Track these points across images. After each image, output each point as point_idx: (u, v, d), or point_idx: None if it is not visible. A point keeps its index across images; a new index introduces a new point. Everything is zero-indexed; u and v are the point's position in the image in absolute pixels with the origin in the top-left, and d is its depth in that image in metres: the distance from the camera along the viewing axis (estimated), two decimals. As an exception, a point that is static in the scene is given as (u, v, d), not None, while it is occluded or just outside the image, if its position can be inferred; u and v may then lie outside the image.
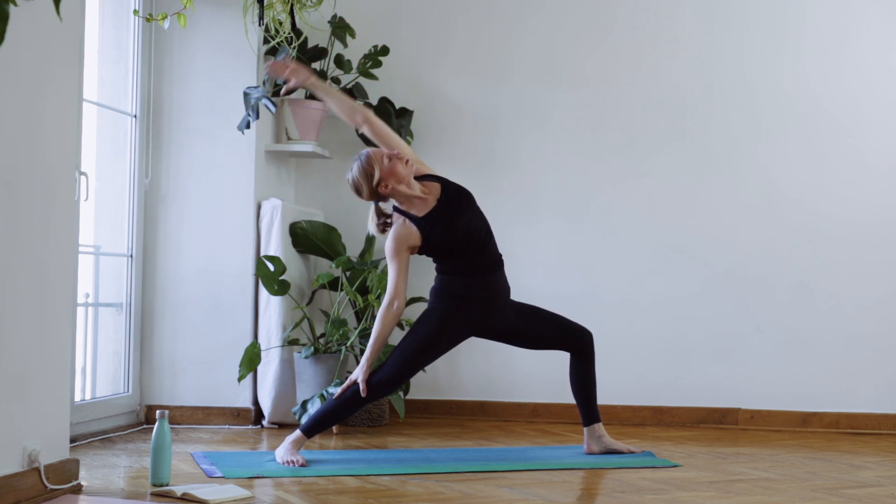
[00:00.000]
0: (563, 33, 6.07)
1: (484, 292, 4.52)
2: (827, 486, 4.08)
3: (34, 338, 3.56)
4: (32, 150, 3.55)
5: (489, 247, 4.54)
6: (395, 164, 4.38)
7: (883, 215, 5.85)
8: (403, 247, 4.41)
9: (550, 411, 5.92)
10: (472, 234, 4.47)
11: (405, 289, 4.43)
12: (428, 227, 4.41)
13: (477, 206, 4.55)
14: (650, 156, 5.99)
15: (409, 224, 4.42)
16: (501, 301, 4.58)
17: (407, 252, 4.43)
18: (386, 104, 5.95)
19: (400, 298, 4.40)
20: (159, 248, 5.52)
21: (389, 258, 4.42)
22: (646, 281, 5.96)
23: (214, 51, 5.55)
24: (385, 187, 4.40)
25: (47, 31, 3.57)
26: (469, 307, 4.50)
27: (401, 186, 4.40)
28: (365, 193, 4.43)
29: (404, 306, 4.46)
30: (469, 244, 4.47)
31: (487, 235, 4.54)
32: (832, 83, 5.91)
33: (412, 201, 4.45)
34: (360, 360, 4.48)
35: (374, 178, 4.37)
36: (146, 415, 5.45)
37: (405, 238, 4.41)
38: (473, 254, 4.49)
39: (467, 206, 4.50)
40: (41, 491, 3.56)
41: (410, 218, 4.43)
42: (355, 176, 4.41)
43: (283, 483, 4.03)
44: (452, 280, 4.50)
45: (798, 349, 5.85)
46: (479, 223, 4.52)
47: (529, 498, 3.79)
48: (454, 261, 4.49)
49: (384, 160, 4.39)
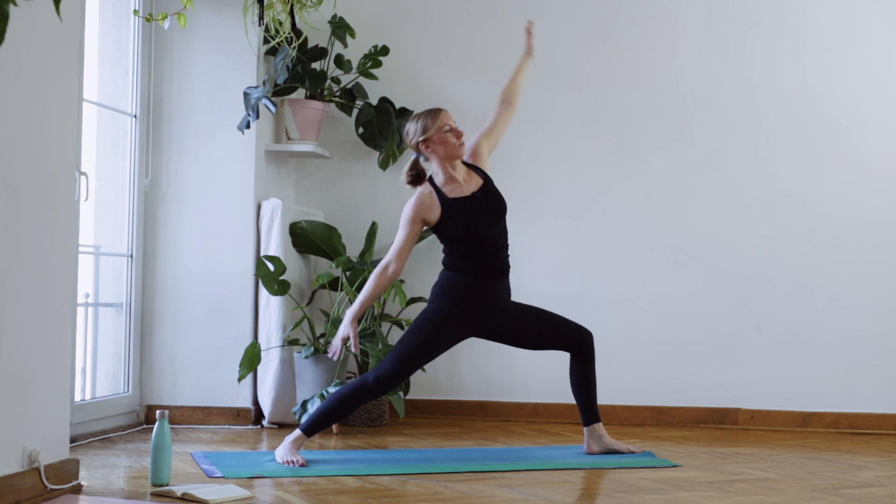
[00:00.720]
0: (563, 33, 6.07)
1: (484, 295, 4.51)
2: (827, 486, 4.08)
3: (34, 338, 3.56)
4: (32, 150, 3.55)
5: (500, 255, 4.54)
6: (447, 137, 4.42)
7: (883, 215, 5.85)
8: (419, 217, 4.43)
9: (550, 411, 5.92)
10: (487, 238, 4.48)
11: (405, 258, 4.44)
12: (451, 211, 4.42)
13: (504, 219, 4.55)
14: (650, 156, 5.99)
15: (435, 198, 4.44)
16: (501, 305, 4.58)
17: (420, 224, 4.45)
18: (386, 104, 5.95)
19: (397, 264, 4.41)
20: (159, 248, 5.52)
21: (403, 223, 4.44)
22: (646, 281, 5.96)
23: (214, 51, 5.55)
24: (427, 147, 4.44)
25: (47, 31, 3.57)
26: (469, 308, 4.50)
27: (441, 159, 4.43)
28: (411, 138, 4.47)
29: (399, 274, 4.44)
30: (482, 245, 4.47)
31: (502, 245, 4.55)
32: (833, 83, 5.91)
33: (450, 180, 4.47)
34: (344, 318, 4.46)
35: (428, 132, 4.41)
36: (146, 415, 5.45)
37: (425, 209, 4.44)
38: (483, 255, 4.49)
39: (496, 213, 4.51)
40: (41, 491, 3.56)
41: (440, 195, 4.45)
42: (418, 119, 4.46)
43: (283, 483, 4.03)
44: (455, 279, 4.50)
45: (798, 349, 5.85)
46: (498, 232, 4.52)
47: (529, 498, 3.79)
48: (462, 257, 4.48)
49: (445, 128, 4.42)
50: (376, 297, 4.49)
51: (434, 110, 4.48)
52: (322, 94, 5.82)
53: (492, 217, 4.49)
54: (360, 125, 5.95)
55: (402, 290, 5.51)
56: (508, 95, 4.76)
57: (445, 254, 4.56)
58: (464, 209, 4.44)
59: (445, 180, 4.48)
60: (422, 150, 4.47)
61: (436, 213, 4.43)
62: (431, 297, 4.55)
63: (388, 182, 6.09)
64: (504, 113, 4.74)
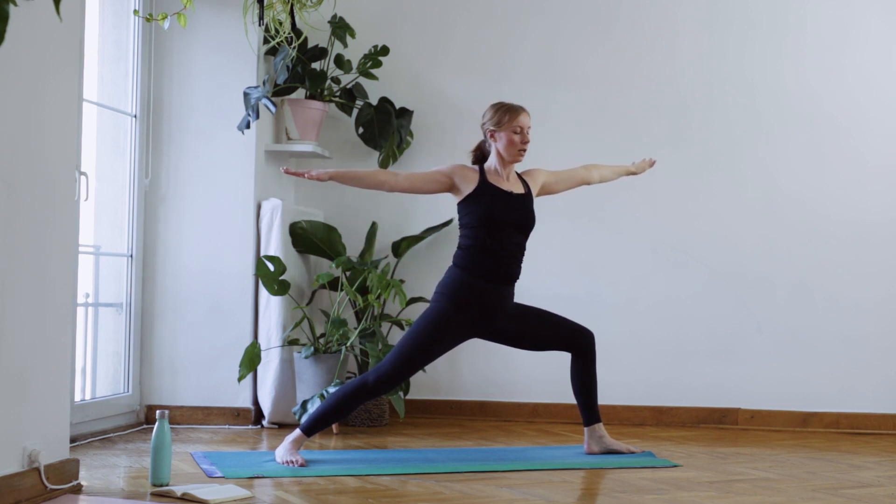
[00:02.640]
0: (563, 33, 6.07)
1: (487, 298, 4.51)
2: (827, 486, 4.08)
3: (34, 338, 3.56)
4: (32, 150, 3.55)
5: (511, 261, 4.55)
6: (514, 137, 4.52)
7: (882, 215, 5.85)
8: (452, 174, 4.53)
9: (550, 411, 5.92)
10: (504, 235, 4.50)
11: (412, 184, 4.51)
12: (483, 190, 4.49)
13: (527, 234, 4.60)
14: (650, 156, 5.97)
15: (476, 175, 4.54)
16: (503, 308, 4.58)
17: (447, 179, 4.52)
18: (386, 104, 5.95)
19: (401, 180, 4.50)
20: (159, 248, 5.52)
21: (435, 167, 4.58)
22: (646, 281, 5.96)
23: (214, 51, 5.55)
24: (493, 136, 4.55)
25: (47, 31, 3.57)
26: (470, 310, 4.50)
27: (500, 152, 4.53)
28: (484, 122, 4.59)
29: (394, 187, 4.51)
30: (497, 240, 4.48)
31: (516, 253, 4.56)
32: (833, 83, 5.91)
33: (496, 173, 4.56)
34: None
35: (500, 124, 4.53)
36: (146, 415, 5.45)
37: (462, 175, 4.53)
38: (495, 253, 4.49)
39: (522, 222, 4.55)
40: (41, 491, 3.56)
41: (482, 174, 4.54)
42: (498, 109, 4.56)
43: (283, 483, 4.03)
44: (460, 278, 4.49)
45: (798, 349, 5.85)
46: (517, 241, 4.56)
47: (529, 498, 3.79)
48: (474, 251, 4.49)
49: (516, 128, 4.52)
50: (361, 180, 4.56)
51: (516, 107, 4.57)
52: (322, 94, 5.82)
53: (517, 221, 4.54)
54: (360, 125, 5.95)
55: (402, 290, 5.51)
56: (596, 171, 4.92)
57: (459, 247, 4.56)
58: (495, 196, 4.50)
59: (493, 170, 4.58)
60: (488, 136, 4.58)
61: (469, 185, 4.51)
62: (435, 296, 4.54)
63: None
64: (580, 173, 4.88)
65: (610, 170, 4.98)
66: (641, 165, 5.05)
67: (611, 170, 4.99)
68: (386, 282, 5.47)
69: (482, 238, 4.48)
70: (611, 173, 4.98)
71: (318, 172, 4.49)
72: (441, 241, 6.06)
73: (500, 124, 4.53)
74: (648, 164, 5.06)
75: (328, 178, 4.49)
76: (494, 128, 4.55)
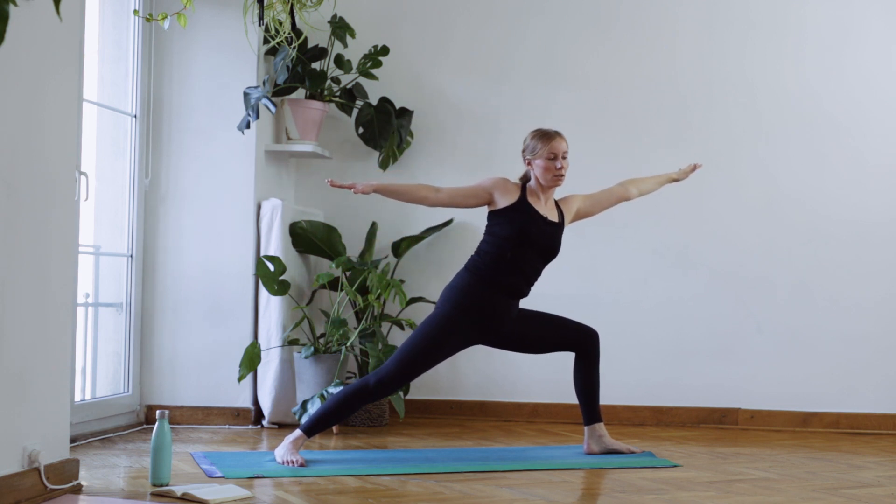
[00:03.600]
0: (563, 33, 6.07)
1: (492, 307, 4.52)
2: (827, 486, 4.08)
3: (34, 338, 3.56)
4: (32, 150, 3.55)
5: (523, 281, 4.56)
6: (549, 164, 4.53)
7: (882, 215, 5.85)
8: (494, 187, 4.53)
9: (550, 411, 5.92)
10: (527, 255, 4.51)
11: (452, 199, 4.52)
12: (520, 206, 4.51)
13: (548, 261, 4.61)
14: (650, 155, 5.99)
15: (518, 189, 4.55)
16: (508, 318, 4.59)
17: (486, 194, 4.53)
18: (386, 104, 5.95)
19: (442, 196, 4.50)
20: (159, 248, 5.52)
21: (477, 181, 4.57)
22: (646, 281, 5.96)
23: (214, 51, 5.55)
24: (529, 164, 4.58)
25: (47, 31, 3.57)
26: (476, 318, 4.51)
27: (537, 178, 4.55)
28: (522, 150, 4.61)
29: (435, 202, 4.51)
30: (518, 256, 4.49)
31: (531, 274, 4.58)
32: (833, 83, 5.92)
33: (535, 195, 4.58)
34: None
35: (535, 152, 4.55)
36: (146, 415, 5.45)
37: (504, 188, 4.55)
38: (511, 268, 4.50)
39: (547, 247, 4.56)
40: (41, 491, 3.56)
41: (523, 193, 4.55)
42: (534, 137, 4.58)
43: (283, 483, 4.03)
44: (469, 284, 4.50)
45: (798, 349, 5.85)
46: (537, 264, 4.57)
47: (529, 498, 3.79)
48: (493, 258, 4.50)
49: (550, 155, 4.53)
50: (404, 195, 4.54)
51: (551, 133, 4.59)
52: (322, 94, 5.82)
53: (542, 247, 4.55)
54: (360, 125, 5.95)
55: (402, 290, 5.51)
56: (633, 186, 4.86)
57: (478, 252, 4.56)
58: (529, 215, 4.51)
59: (533, 191, 4.59)
60: (526, 164, 4.62)
61: (508, 199, 4.52)
62: (441, 300, 4.54)
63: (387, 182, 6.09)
64: (616, 192, 4.83)
65: (651, 181, 4.93)
66: (684, 171, 4.99)
67: (653, 181, 4.94)
68: (386, 282, 5.47)
69: (504, 250, 4.50)
70: (653, 184, 4.94)
71: (363, 186, 4.48)
72: (441, 241, 6.06)
73: (535, 151, 4.56)
74: (691, 170, 4.99)
75: (372, 190, 4.49)
76: (531, 156, 4.58)
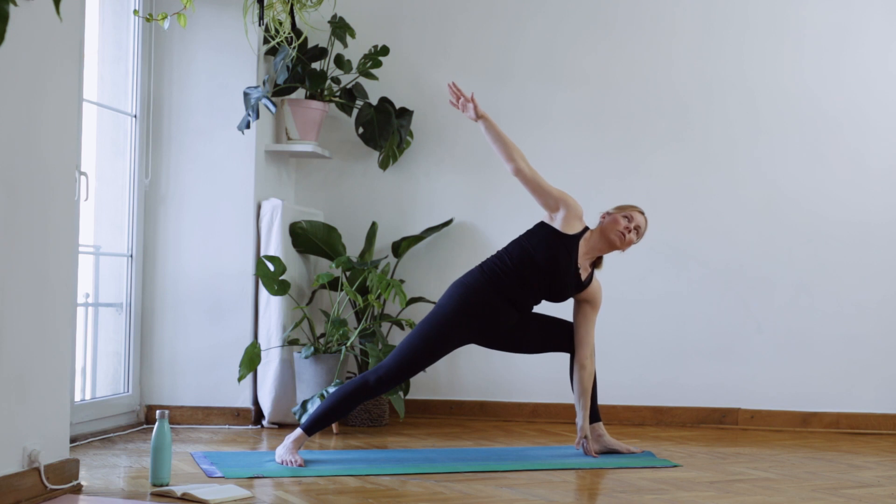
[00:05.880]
0: (562, 33, 6.07)
1: (495, 309, 4.53)
2: (827, 486, 4.08)
3: (34, 338, 3.56)
4: (32, 150, 3.55)
5: (529, 300, 4.58)
6: (620, 220, 4.62)
7: (882, 216, 5.85)
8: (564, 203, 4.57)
9: (550, 411, 5.92)
10: (534, 284, 4.53)
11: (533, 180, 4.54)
12: (567, 242, 4.54)
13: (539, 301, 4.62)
14: (649, 155, 5.99)
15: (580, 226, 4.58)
16: (507, 324, 4.60)
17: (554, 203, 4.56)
18: (386, 104, 5.95)
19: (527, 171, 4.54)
20: (159, 248, 5.52)
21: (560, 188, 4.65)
22: (646, 281, 5.96)
23: (214, 51, 5.55)
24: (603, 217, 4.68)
25: (47, 31, 3.57)
26: (478, 316, 4.52)
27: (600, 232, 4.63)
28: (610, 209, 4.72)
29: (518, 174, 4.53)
30: (531, 278, 4.51)
31: (535, 301, 4.61)
32: (831, 83, 5.92)
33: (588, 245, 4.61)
34: None
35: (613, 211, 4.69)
36: (146, 415, 5.45)
37: (573, 211, 4.57)
38: (520, 285, 4.52)
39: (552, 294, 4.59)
40: (41, 491, 3.56)
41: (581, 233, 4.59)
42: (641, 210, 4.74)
43: (283, 483, 4.03)
44: (478, 283, 4.52)
45: (798, 349, 5.85)
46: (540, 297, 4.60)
47: (529, 498, 3.79)
48: (512, 264, 4.52)
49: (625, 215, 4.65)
50: (501, 143, 4.55)
51: (633, 207, 4.70)
52: (322, 94, 5.82)
53: (553, 289, 4.57)
54: (360, 125, 5.95)
55: (402, 290, 5.51)
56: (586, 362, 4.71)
57: (499, 254, 4.59)
58: (569, 253, 4.53)
59: (588, 240, 4.62)
60: (601, 218, 4.68)
61: (567, 226, 4.56)
62: (447, 294, 4.54)
63: (388, 182, 6.09)
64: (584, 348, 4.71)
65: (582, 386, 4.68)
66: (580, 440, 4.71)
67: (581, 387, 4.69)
68: (386, 282, 5.46)
69: (523, 266, 4.52)
70: (581, 388, 4.69)
71: (480, 109, 4.56)
72: (441, 241, 6.06)
73: (616, 209, 4.68)
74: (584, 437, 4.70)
75: (481, 115, 4.55)
76: (610, 210, 4.69)
